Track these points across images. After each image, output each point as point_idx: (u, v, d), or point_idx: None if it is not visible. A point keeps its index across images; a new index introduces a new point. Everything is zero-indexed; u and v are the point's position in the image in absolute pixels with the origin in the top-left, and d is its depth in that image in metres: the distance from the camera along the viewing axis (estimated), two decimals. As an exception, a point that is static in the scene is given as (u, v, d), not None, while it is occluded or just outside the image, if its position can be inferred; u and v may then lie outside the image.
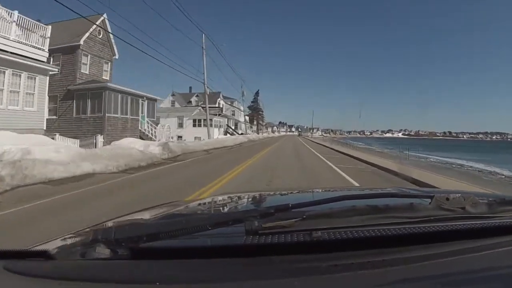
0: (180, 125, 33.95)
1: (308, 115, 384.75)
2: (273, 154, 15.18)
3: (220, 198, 1.35)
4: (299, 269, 0.51)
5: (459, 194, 0.74)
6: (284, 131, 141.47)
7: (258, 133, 64.47)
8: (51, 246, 0.64)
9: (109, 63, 18.62)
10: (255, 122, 68.25)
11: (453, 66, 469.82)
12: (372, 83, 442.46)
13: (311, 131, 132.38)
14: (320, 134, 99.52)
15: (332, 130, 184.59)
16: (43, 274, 0.52)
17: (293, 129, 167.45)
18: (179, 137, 34.91)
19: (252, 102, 68.76)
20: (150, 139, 17.86)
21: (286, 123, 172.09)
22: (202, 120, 33.22)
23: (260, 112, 71.76)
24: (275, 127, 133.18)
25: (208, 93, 25.03)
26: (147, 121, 19.14)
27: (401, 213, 0.66)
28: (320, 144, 29.99)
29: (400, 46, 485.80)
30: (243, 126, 48.18)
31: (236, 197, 1.36)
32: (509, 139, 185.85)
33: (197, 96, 41.93)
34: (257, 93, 70.03)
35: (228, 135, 35.83)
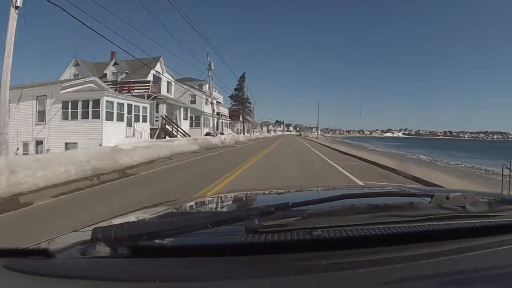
0: (41, 117, 15.16)
1: (306, 113, 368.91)
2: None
3: (220, 196, 1.41)
4: (299, 267, 0.51)
5: (459, 193, 0.74)
6: (281, 130, 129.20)
7: (244, 133, 45.08)
8: (51, 244, 0.65)
9: None
10: (241, 118, 48.85)
11: (452, 66, 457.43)
12: (371, 82, 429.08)
13: (311, 130, 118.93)
14: (320, 133, 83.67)
15: (331, 130, 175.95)
16: (43, 272, 0.51)
17: (291, 128, 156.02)
18: (39, 143, 15.20)
19: (235, 90, 48.75)
20: None
21: (283, 122, 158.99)
22: (99, 104, 14.25)
23: (248, 104, 51.84)
24: (271, 126, 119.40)
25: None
26: None
27: (401, 212, 0.66)
28: (343, 152, 16.56)
29: (400, 45, 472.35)
30: (214, 121, 28.88)
31: (236, 196, 1.35)
32: (510, 139, 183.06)
33: (116, 64, 23.00)
34: (242, 78, 49.83)
35: (168, 138, 17.10)
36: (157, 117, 19.24)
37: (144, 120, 17.39)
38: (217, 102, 36.53)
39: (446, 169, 11.58)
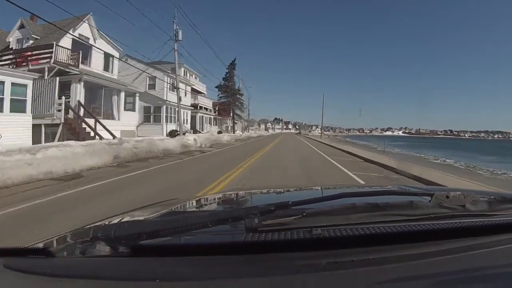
0: None
1: (306, 111, 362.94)
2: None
3: (220, 195, 1.38)
4: (299, 266, 0.51)
5: (459, 192, 0.74)
6: (279, 128, 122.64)
7: (234, 131, 37.12)
8: (51, 243, 0.64)
9: None
10: (231, 114, 40.82)
11: (452, 66, 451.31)
12: (371, 81, 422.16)
13: (310, 128, 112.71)
14: (324, 132, 76.68)
15: (331, 128, 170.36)
16: (43, 271, 0.51)
17: (290, 126, 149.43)
18: None
19: (224, 79, 40.47)
20: None
21: (282, 120, 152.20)
22: None
23: (239, 96, 43.59)
24: (269, 124, 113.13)
25: None
26: None
27: (401, 211, 0.66)
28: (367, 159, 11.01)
29: (400, 45, 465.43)
30: (180, 113, 20.39)
31: (236, 195, 1.34)
32: (511, 138, 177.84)
33: (22, 28, 14.39)
34: (232, 65, 41.54)
35: (78, 142, 9.14)
36: (60, 105, 11.35)
37: (18, 110, 9.42)
38: (194, 90, 28.29)
39: (499, 182, 8.27)
